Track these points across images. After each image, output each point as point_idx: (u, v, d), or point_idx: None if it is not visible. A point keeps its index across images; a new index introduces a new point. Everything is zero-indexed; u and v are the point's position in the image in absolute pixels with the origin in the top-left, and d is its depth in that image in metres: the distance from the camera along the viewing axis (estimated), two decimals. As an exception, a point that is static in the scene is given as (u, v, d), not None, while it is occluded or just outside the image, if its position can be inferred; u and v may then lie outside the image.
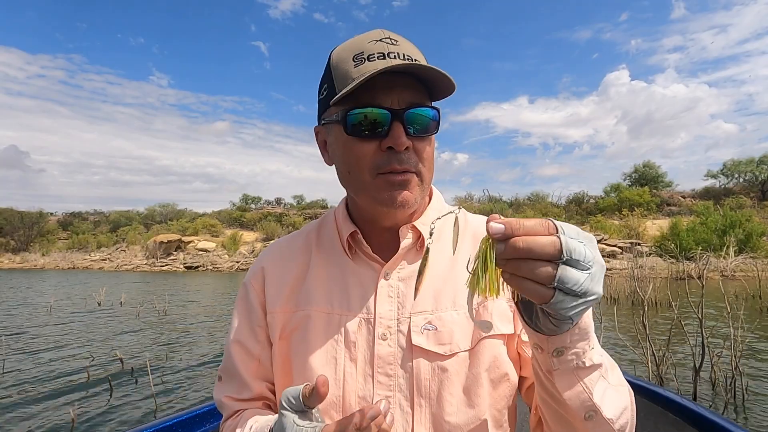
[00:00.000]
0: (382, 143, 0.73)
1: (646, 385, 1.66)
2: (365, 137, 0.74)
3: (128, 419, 4.49)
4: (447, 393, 0.74)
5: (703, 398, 4.68)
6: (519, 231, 0.48)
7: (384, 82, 0.72)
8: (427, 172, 0.78)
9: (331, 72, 0.76)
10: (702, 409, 1.40)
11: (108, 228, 46.95)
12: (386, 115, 0.72)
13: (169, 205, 49.03)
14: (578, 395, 0.60)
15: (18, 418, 4.52)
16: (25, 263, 39.50)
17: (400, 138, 0.72)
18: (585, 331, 0.57)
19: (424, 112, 0.75)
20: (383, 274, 0.80)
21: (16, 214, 45.67)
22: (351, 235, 0.83)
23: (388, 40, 0.74)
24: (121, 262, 36.08)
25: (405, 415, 0.74)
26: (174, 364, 6.52)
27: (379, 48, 0.73)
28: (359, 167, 0.75)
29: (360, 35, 0.77)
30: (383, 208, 0.76)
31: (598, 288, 0.49)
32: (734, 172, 35.29)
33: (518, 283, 0.49)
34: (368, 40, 0.74)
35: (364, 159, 0.74)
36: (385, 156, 0.74)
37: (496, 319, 0.77)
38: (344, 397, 0.75)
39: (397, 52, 0.73)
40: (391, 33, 0.76)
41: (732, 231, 21.50)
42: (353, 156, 0.75)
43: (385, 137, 0.73)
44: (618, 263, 21.29)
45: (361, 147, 0.74)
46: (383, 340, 0.76)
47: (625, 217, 28.75)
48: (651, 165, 38.11)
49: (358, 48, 0.74)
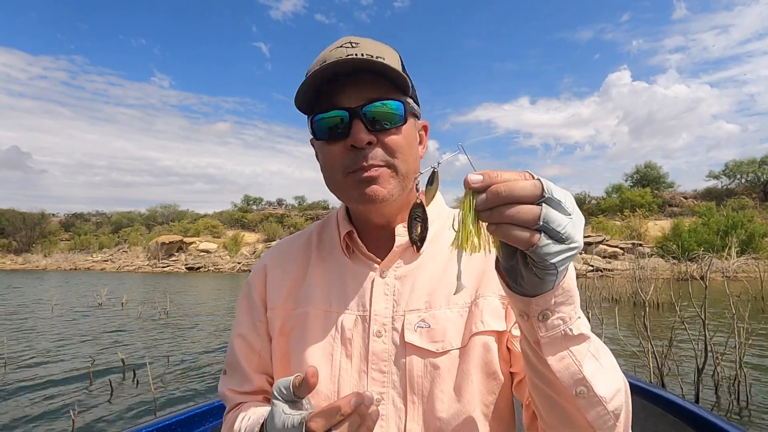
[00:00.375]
0: (346, 143, 0.74)
1: (645, 386, 1.66)
2: (331, 140, 0.76)
3: (129, 419, 4.50)
4: (438, 390, 0.74)
5: (705, 400, 4.66)
6: (498, 179, 0.47)
7: (342, 83, 0.74)
8: (403, 164, 0.77)
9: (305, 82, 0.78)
10: (702, 411, 1.39)
11: (110, 229, 47.05)
12: (344, 114, 0.74)
13: (171, 206, 49.16)
14: (567, 368, 0.58)
15: (19, 418, 4.52)
16: (27, 264, 39.61)
17: (358, 134, 0.73)
18: (569, 293, 0.56)
19: (383, 104, 0.75)
20: (379, 272, 0.82)
21: (18, 216, 45.80)
22: (347, 235, 0.85)
23: (348, 44, 0.75)
24: (122, 263, 36.15)
25: (398, 411, 0.75)
26: (175, 365, 6.52)
27: (338, 54, 0.74)
28: (333, 169, 0.78)
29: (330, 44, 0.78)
30: (358, 205, 0.79)
31: (579, 236, 0.49)
32: (736, 173, 35.24)
33: (503, 231, 0.48)
34: (331, 48, 0.76)
35: (334, 161, 0.76)
36: (351, 155, 0.75)
37: (488, 316, 0.77)
38: (339, 392, 0.76)
39: (355, 53, 0.73)
40: (355, 37, 0.77)
41: (734, 232, 21.45)
42: (326, 160, 0.78)
43: (347, 136, 0.74)
44: (619, 264, 21.26)
45: (330, 150, 0.76)
46: (378, 337, 0.77)
47: (626, 218, 28.72)
48: (653, 166, 38.06)
49: (321, 58, 0.76)
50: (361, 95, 0.74)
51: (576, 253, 0.50)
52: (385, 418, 0.75)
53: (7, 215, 45.71)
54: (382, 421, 0.75)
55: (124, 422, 4.43)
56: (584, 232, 0.51)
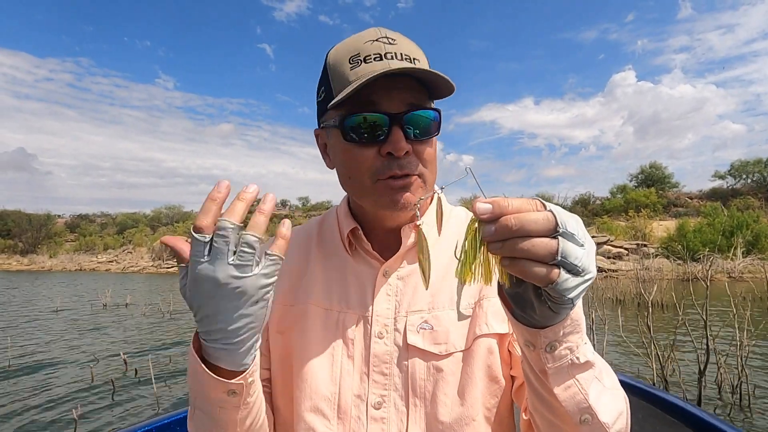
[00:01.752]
0: (381, 148, 0.71)
1: (645, 387, 1.65)
2: (364, 142, 0.71)
3: (130, 418, 4.52)
4: (441, 393, 0.73)
5: (708, 401, 4.63)
6: (508, 209, 0.45)
7: (382, 83, 0.69)
8: (430, 174, 0.76)
9: (328, 74, 0.74)
10: (702, 412, 1.39)
11: (115, 230, 47.23)
12: (384, 119, 0.70)
13: (176, 207, 49.33)
14: (573, 396, 0.57)
15: (22, 417, 4.56)
16: (32, 265, 39.81)
17: (399, 143, 0.70)
18: (577, 323, 0.55)
19: (425, 114, 0.72)
20: (383, 272, 0.79)
21: (24, 217, 46.08)
22: (351, 232, 0.82)
23: (385, 39, 0.71)
24: (127, 264, 36.28)
25: (400, 414, 0.73)
26: (177, 365, 6.55)
27: (376, 48, 0.70)
28: (359, 173, 0.73)
29: (356, 35, 0.74)
30: (386, 211, 0.76)
31: (593, 266, 0.48)
32: (742, 173, 34.99)
33: (520, 267, 0.45)
34: (365, 40, 0.72)
35: (364, 165, 0.72)
36: (385, 161, 0.71)
37: (492, 318, 0.76)
38: (340, 394, 0.74)
39: (395, 52, 0.70)
40: (388, 31, 0.73)
41: (740, 232, 21.31)
42: (353, 161, 0.73)
43: (384, 142, 0.70)
44: (624, 264, 21.15)
45: (360, 152, 0.72)
46: (380, 339, 0.76)
47: (631, 219, 28.56)
48: (657, 166, 37.86)
49: (354, 49, 0.72)
50: (402, 100, 0.71)
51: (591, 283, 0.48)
52: (387, 421, 0.73)
53: (13, 216, 46.00)
54: (384, 424, 0.73)
55: (126, 421, 4.45)
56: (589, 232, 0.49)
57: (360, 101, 0.70)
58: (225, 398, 0.60)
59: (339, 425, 0.73)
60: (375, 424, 0.73)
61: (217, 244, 0.53)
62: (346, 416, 0.74)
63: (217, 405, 0.61)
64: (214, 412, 0.62)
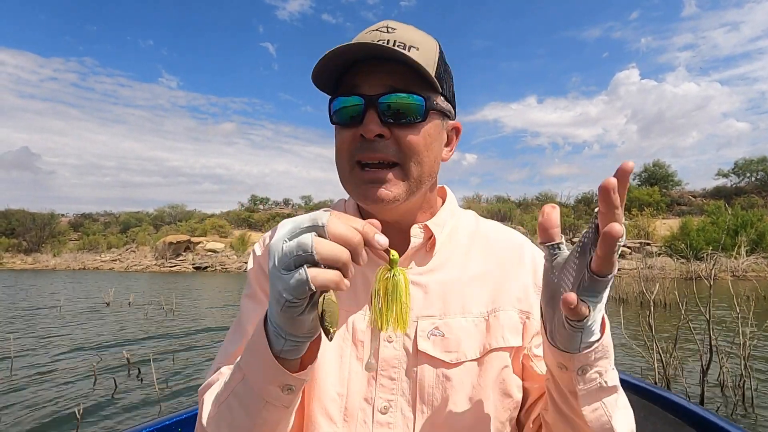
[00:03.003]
0: (356, 131, 0.71)
1: (647, 386, 1.65)
2: (345, 125, 0.72)
3: (132, 417, 4.52)
4: (450, 402, 0.71)
5: (710, 400, 4.61)
6: None
7: (369, 68, 0.70)
8: (416, 166, 0.72)
9: None
10: (704, 411, 1.38)
11: (118, 229, 47.40)
12: (360, 101, 0.69)
13: (179, 206, 49.42)
14: (599, 418, 0.60)
15: (25, 414, 4.57)
16: (36, 264, 39.99)
17: (368, 125, 0.68)
18: (606, 349, 0.58)
19: (405, 97, 0.69)
20: None
21: (28, 216, 46.27)
22: None
23: (384, 28, 0.71)
24: (130, 263, 36.40)
25: (406, 420, 0.72)
26: (179, 364, 6.55)
27: (372, 36, 0.70)
28: (340, 156, 0.74)
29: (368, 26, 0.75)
30: (363, 203, 0.74)
31: None
32: (746, 171, 34.88)
33: None
34: (367, 30, 0.73)
35: (343, 148, 0.73)
36: (359, 144, 0.71)
37: (508, 332, 0.75)
38: (348, 396, 0.73)
39: (388, 38, 0.69)
40: (393, 22, 0.73)
41: (744, 231, 21.23)
42: (337, 145, 0.75)
43: (359, 124, 0.70)
44: (627, 263, 21.09)
45: (341, 135, 0.73)
46: (389, 342, 0.74)
47: (634, 217, 28.49)
48: (660, 164, 37.79)
49: (356, 39, 0.72)
50: (382, 84, 0.69)
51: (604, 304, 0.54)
52: (393, 427, 0.72)
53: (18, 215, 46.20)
54: (390, 430, 0.71)
55: (129, 420, 4.46)
56: None
57: (346, 86, 0.71)
58: (278, 394, 0.58)
59: (345, 428, 0.72)
60: (381, 429, 0.71)
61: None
62: (352, 419, 0.72)
63: (265, 399, 0.58)
64: (258, 407, 0.59)
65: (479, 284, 0.78)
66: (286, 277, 0.49)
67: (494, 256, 0.81)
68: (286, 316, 0.52)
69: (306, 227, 0.50)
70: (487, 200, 38.03)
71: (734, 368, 4.88)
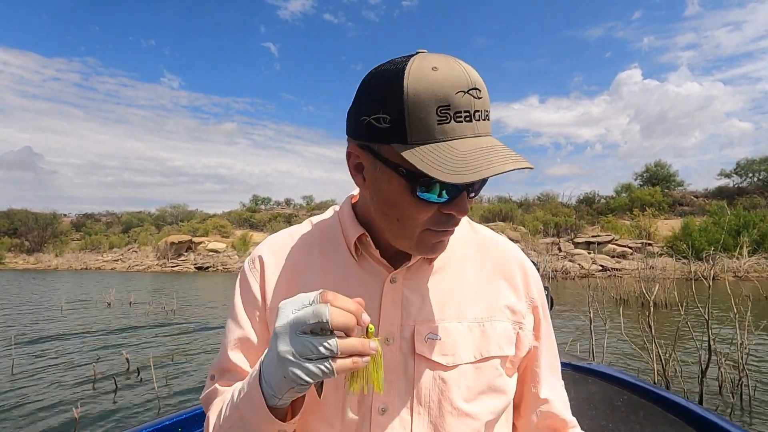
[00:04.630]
0: (444, 208, 0.68)
1: (646, 386, 1.65)
2: (429, 200, 0.67)
3: (131, 418, 4.53)
4: (447, 404, 0.73)
5: (709, 401, 4.61)
6: None
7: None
8: None
9: (404, 106, 0.62)
10: (703, 410, 1.38)
11: (120, 229, 47.46)
12: (459, 190, 0.67)
13: (180, 206, 49.47)
14: None
15: (23, 415, 4.58)
16: (39, 264, 40.08)
17: (464, 208, 0.68)
18: None
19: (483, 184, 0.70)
20: (390, 279, 0.78)
21: (31, 216, 46.39)
22: (359, 238, 0.80)
23: (474, 92, 0.63)
24: (132, 263, 36.45)
25: (403, 422, 0.73)
26: (179, 364, 6.57)
27: (466, 104, 0.62)
28: (413, 221, 0.69)
29: (443, 72, 0.63)
30: (417, 253, 0.75)
31: None
32: (748, 171, 34.81)
33: None
34: (455, 90, 0.62)
35: (422, 217, 0.69)
36: (443, 218, 0.69)
37: (504, 342, 0.78)
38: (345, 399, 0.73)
39: (482, 110, 0.64)
40: (475, 77, 0.64)
41: (746, 231, 21.19)
42: (410, 210, 0.68)
43: (449, 204, 0.67)
44: (628, 264, 21.08)
45: (422, 208, 0.68)
46: (386, 345, 0.75)
47: (636, 217, 28.46)
48: (662, 164, 37.73)
49: (443, 95, 0.61)
50: None
51: None
52: (390, 428, 0.73)
53: (20, 215, 46.32)
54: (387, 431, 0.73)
55: (128, 421, 4.47)
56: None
57: None
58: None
59: (343, 431, 0.73)
60: (378, 431, 0.73)
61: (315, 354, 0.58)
62: (350, 422, 0.73)
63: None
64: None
65: (474, 291, 0.80)
66: (307, 365, 0.58)
67: (488, 264, 0.84)
68: (294, 391, 0.60)
69: (313, 324, 0.58)
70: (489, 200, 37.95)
71: (733, 368, 4.87)
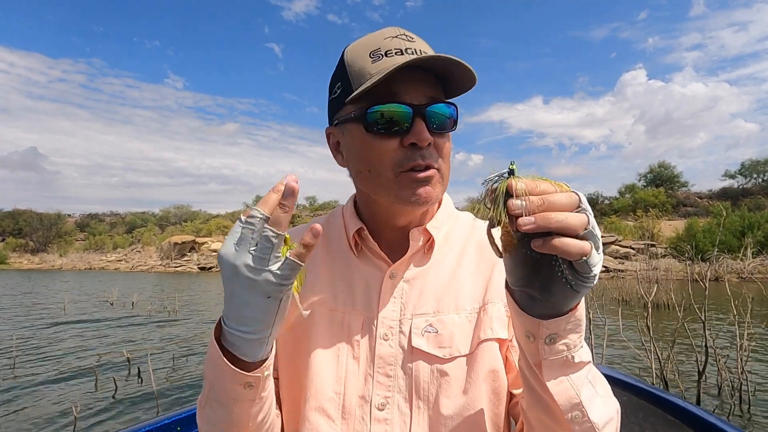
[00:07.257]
0: (404, 139, 0.71)
1: (645, 387, 1.64)
2: (386, 134, 0.71)
3: (130, 417, 4.55)
4: (445, 396, 0.73)
5: (707, 402, 4.59)
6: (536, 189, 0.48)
7: (404, 76, 0.70)
8: (447, 170, 0.77)
9: (346, 69, 0.74)
10: (701, 411, 1.38)
11: (124, 229, 47.73)
12: (408, 110, 0.70)
13: (184, 206, 49.70)
14: (565, 391, 0.59)
15: (23, 413, 4.61)
16: (43, 264, 40.33)
17: (423, 134, 0.70)
18: (579, 321, 0.56)
19: (444, 108, 0.73)
20: (389, 274, 0.79)
21: (35, 216, 46.70)
22: (357, 232, 0.82)
23: (404, 36, 0.73)
24: (136, 263, 36.61)
25: (403, 416, 0.73)
26: (180, 364, 6.58)
27: (396, 44, 0.72)
28: (381, 165, 0.73)
29: (374, 33, 0.76)
30: (405, 206, 0.74)
31: None
32: (752, 172, 34.66)
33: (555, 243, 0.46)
34: (384, 37, 0.73)
35: (386, 156, 0.72)
36: (408, 152, 0.72)
37: (496, 324, 0.76)
38: (345, 394, 0.75)
39: (414, 48, 0.72)
40: (405, 30, 0.75)
41: (750, 232, 21.09)
42: (374, 154, 0.73)
43: (407, 133, 0.71)
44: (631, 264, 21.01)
45: (383, 144, 0.72)
46: (385, 341, 0.76)
47: (639, 218, 28.37)
48: (666, 165, 37.66)
49: (374, 44, 0.73)
50: (423, 93, 0.72)
51: None
52: (390, 423, 0.73)
53: (25, 216, 46.65)
54: (387, 426, 0.73)
55: (127, 419, 4.48)
56: None
57: (382, 93, 0.70)
58: (241, 391, 0.62)
59: (343, 425, 0.74)
60: (378, 425, 0.73)
61: (244, 232, 0.56)
62: (350, 417, 0.74)
63: (233, 397, 0.63)
64: (230, 404, 0.64)
65: (472, 282, 0.80)
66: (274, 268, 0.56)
67: (487, 256, 0.83)
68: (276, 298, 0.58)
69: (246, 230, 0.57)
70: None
71: (733, 369, 4.85)
